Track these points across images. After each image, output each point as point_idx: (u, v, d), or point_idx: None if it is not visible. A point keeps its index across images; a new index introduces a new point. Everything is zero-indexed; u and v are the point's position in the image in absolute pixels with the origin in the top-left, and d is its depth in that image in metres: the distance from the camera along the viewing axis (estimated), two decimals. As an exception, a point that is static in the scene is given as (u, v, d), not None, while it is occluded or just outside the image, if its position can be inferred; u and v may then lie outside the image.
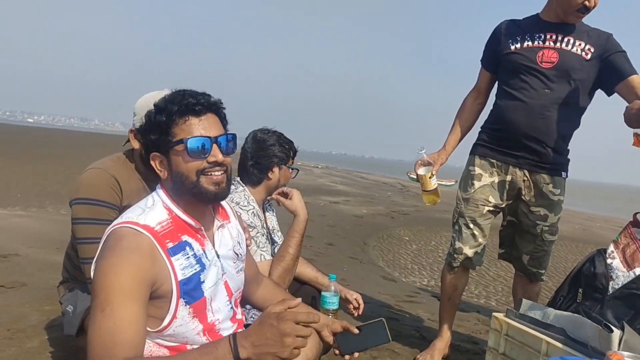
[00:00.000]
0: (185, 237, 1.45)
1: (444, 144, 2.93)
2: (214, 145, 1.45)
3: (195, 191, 1.45)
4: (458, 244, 2.82)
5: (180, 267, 1.40)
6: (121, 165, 2.15)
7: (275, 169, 2.50)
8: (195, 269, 1.44)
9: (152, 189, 2.14)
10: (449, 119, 3.08)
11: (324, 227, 9.03)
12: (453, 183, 18.99)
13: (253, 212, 2.42)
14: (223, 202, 1.69)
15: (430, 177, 2.73)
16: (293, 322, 1.24)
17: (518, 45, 2.67)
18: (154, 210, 1.45)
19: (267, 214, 2.64)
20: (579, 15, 2.57)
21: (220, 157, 1.46)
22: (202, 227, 1.51)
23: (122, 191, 2.08)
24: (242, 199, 2.44)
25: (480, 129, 2.91)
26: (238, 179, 2.58)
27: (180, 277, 1.39)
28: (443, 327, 2.94)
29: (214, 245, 1.55)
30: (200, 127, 1.44)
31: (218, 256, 1.54)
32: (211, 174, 1.46)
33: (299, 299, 1.38)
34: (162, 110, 1.44)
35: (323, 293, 2.51)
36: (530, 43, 2.64)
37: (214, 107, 1.50)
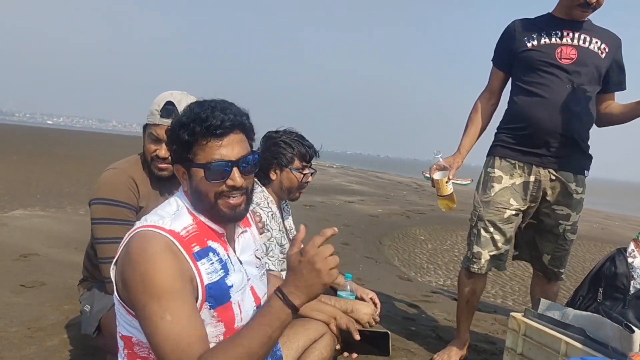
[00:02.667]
0: (210, 242, 1.44)
1: (458, 147, 2.88)
2: (234, 170, 1.41)
3: (213, 212, 1.44)
4: (476, 248, 2.77)
5: (206, 271, 1.39)
6: (137, 166, 2.17)
7: (276, 172, 2.47)
8: (220, 275, 1.42)
9: (164, 191, 2.17)
10: (463, 116, 3.04)
11: (339, 226, 9.00)
12: (469, 182, 18.87)
13: (271, 214, 2.42)
14: None
15: (446, 182, 2.69)
16: (315, 248, 1.28)
17: (535, 43, 2.63)
18: (179, 216, 1.43)
19: (283, 215, 2.64)
20: (583, 10, 2.55)
21: (239, 181, 1.41)
22: (225, 233, 1.50)
23: (139, 192, 2.11)
24: (262, 200, 2.43)
25: (496, 130, 2.86)
26: (256, 179, 2.58)
27: (206, 282, 1.38)
28: (461, 329, 2.91)
29: (235, 252, 1.54)
30: (221, 150, 1.40)
31: (241, 262, 1.53)
32: (229, 198, 1.43)
33: (302, 227, 1.40)
34: (186, 128, 1.40)
35: (339, 292, 2.52)
36: (547, 40, 2.61)
37: (240, 127, 1.45)
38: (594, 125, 2.74)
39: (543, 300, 2.34)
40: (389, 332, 1.96)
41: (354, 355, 1.88)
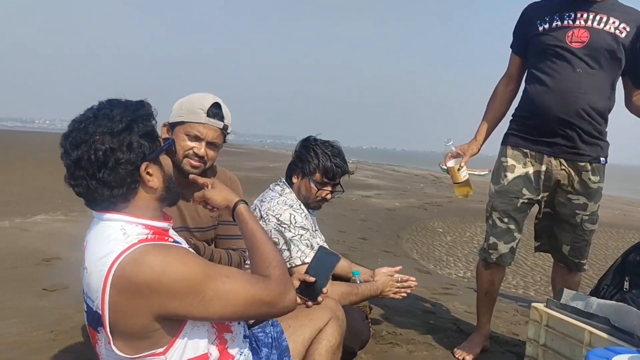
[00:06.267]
0: (171, 240, 1.45)
1: (475, 134, 2.86)
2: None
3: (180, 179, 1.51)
4: (492, 239, 2.74)
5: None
6: None
7: (298, 177, 2.52)
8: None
9: (192, 190, 2.17)
10: (480, 108, 3.01)
11: (356, 221, 9.01)
12: (487, 172, 18.68)
13: (305, 215, 2.45)
14: None
15: (459, 169, 2.67)
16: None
17: (547, 26, 2.56)
18: (131, 232, 1.35)
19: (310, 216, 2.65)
20: None
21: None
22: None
23: None
24: (294, 201, 2.47)
25: (511, 117, 2.83)
26: (283, 179, 2.59)
27: None
28: (481, 321, 2.88)
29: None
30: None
31: None
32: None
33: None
34: (129, 129, 1.38)
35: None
36: (559, 23, 2.53)
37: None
38: (627, 111, 2.67)
39: (566, 290, 2.31)
40: (320, 245, 2.05)
41: (324, 290, 1.90)
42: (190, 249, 1.45)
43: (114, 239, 1.32)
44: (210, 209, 1.73)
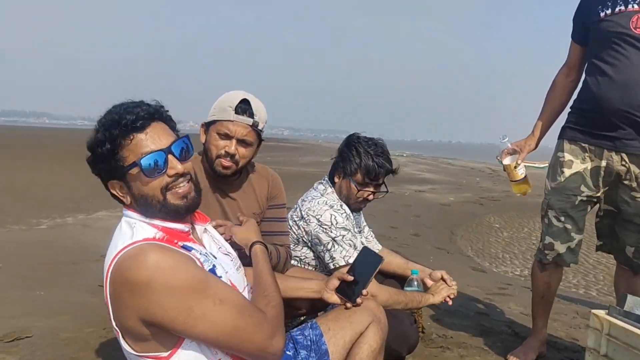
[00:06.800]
0: (182, 243, 1.40)
1: (532, 128, 2.71)
2: (170, 157, 1.36)
3: (165, 210, 1.37)
4: (548, 239, 2.59)
5: (201, 260, 1.38)
6: (193, 163, 2.19)
7: (339, 176, 2.46)
8: (211, 264, 1.41)
9: (219, 190, 2.17)
10: (540, 96, 2.85)
11: (409, 217, 8.87)
12: (546, 165, 17.97)
13: (346, 215, 2.39)
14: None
15: (516, 167, 2.56)
16: None
17: (609, 11, 2.36)
18: (139, 230, 1.34)
19: (354, 215, 2.59)
20: None
21: (179, 167, 1.37)
22: (190, 231, 1.47)
23: None
24: (335, 202, 2.42)
25: (569, 110, 2.67)
26: (327, 178, 2.54)
27: (207, 269, 1.38)
28: (537, 325, 2.74)
29: (205, 247, 1.51)
30: (148, 143, 1.34)
31: (215, 257, 1.49)
32: (176, 188, 1.39)
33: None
34: (103, 140, 1.33)
35: (405, 287, 2.45)
36: (622, 7, 2.33)
37: (157, 115, 1.41)
38: None
39: (630, 296, 2.14)
40: (363, 245, 1.95)
41: (364, 292, 1.82)
42: (195, 259, 1.36)
43: (124, 233, 1.34)
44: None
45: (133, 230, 1.34)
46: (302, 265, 2.47)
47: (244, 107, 2.05)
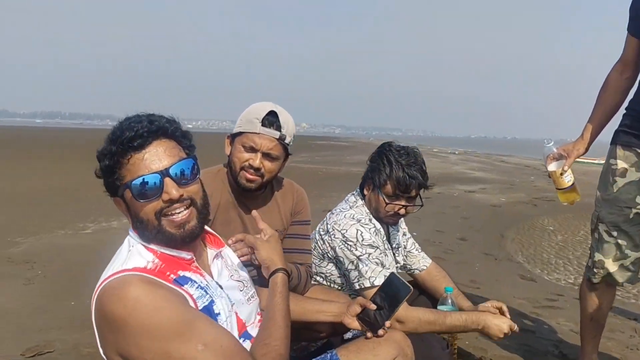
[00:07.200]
0: (181, 273, 1.29)
1: (582, 131, 2.47)
2: (166, 180, 1.25)
3: (161, 237, 1.27)
4: (598, 256, 2.36)
5: (195, 296, 1.26)
6: (215, 176, 2.08)
7: (369, 188, 2.29)
8: (206, 301, 1.29)
9: (242, 205, 2.07)
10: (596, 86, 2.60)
11: (456, 219, 8.57)
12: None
13: (374, 230, 2.23)
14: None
15: (562, 174, 2.33)
16: None
17: None
18: (134, 255, 1.27)
19: (390, 230, 2.44)
20: None
21: (174, 192, 1.25)
22: (195, 258, 1.36)
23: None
24: (363, 215, 2.26)
25: (624, 112, 2.41)
26: (358, 189, 2.40)
27: (200, 306, 1.26)
28: (586, 350, 2.52)
29: (212, 277, 1.39)
30: (145, 163, 1.24)
31: (221, 287, 1.38)
32: (172, 215, 1.27)
33: None
34: (104, 155, 1.27)
35: (438, 306, 2.27)
36: None
37: (161, 132, 1.29)
38: None
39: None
40: (392, 271, 1.77)
41: (387, 324, 1.65)
42: (186, 296, 1.25)
43: (120, 256, 1.28)
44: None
45: (129, 254, 1.28)
46: (328, 283, 2.34)
47: (271, 119, 1.94)
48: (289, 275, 1.60)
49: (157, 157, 1.26)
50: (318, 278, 2.34)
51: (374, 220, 2.27)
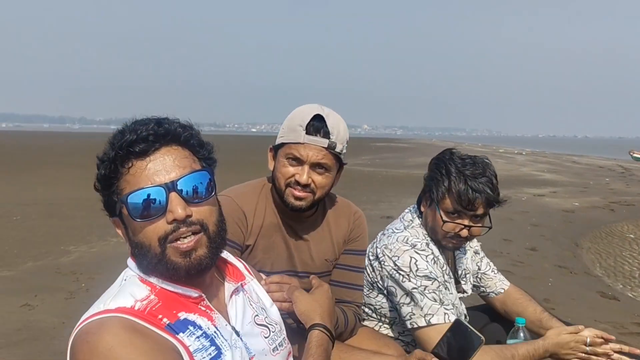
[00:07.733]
0: (183, 315, 1.03)
1: None
2: (172, 195, 1.00)
3: (162, 267, 1.02)
4: None
5: (193, 348, 1.00)
6: (258, 193, 1.81)
7: (426, 203, 1.95)
8: (211, 354, 1.02)
9: (288, 228, 1.81)
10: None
11: (525, 226, 8.06)
12: None
13: (432, 258, 1.89)
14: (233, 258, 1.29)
15: None
16: None
17: None
18: (124, 290, 1.03)
19: (456, 253, 2.10)
20: None
21: (180, 212, 0.99)
22: (205, 296, 1.09)
23: (248, 227, 1.74)
24: (419, 239, 1.91)
25: None
26: (416, 205, 2.07)
27: (203, 358, 1.00)
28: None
29: (228, 321, 1.12)
30: (148, 173, 1.01)
31: (238, 334, 1.11)
32: (178, 241, 1.01)
33: None
34: (101, 162, 1.04)
35: (508, 340, 1.95)
36: None
37: (171, 137, 1.05)
38: None
39: None
40: (456, 317, 1.43)
41: None
42: (180, 348, 1.00)
43: (110, 290, 1.06)
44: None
45: (120, 288, 1.05)
46: (377, 317, 2.04)
47: (317, 125, 1.65)
48: (330, 333, 1.32)
49: (163, 167, 1.02)
50: (366, 309, 2.04)
51: (431, 245, 1.93)
